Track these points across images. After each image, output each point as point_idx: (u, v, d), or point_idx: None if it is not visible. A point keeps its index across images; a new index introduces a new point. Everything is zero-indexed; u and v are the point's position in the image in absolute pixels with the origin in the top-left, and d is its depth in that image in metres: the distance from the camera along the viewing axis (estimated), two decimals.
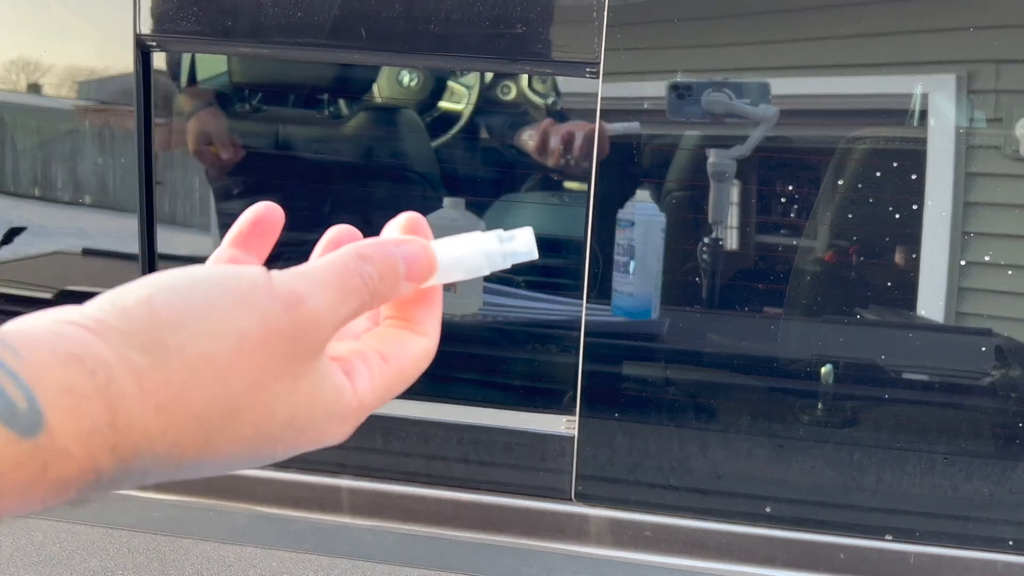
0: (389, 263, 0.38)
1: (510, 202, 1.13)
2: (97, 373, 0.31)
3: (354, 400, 0.39)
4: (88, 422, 0.30)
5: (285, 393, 0.35)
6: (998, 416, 0.91)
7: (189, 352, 0.32)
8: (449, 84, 1.18)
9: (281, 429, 0.36)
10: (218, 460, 0.34)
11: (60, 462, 0.30)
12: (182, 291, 0.33)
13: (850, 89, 0.92)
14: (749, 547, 0.98)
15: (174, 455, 0.33)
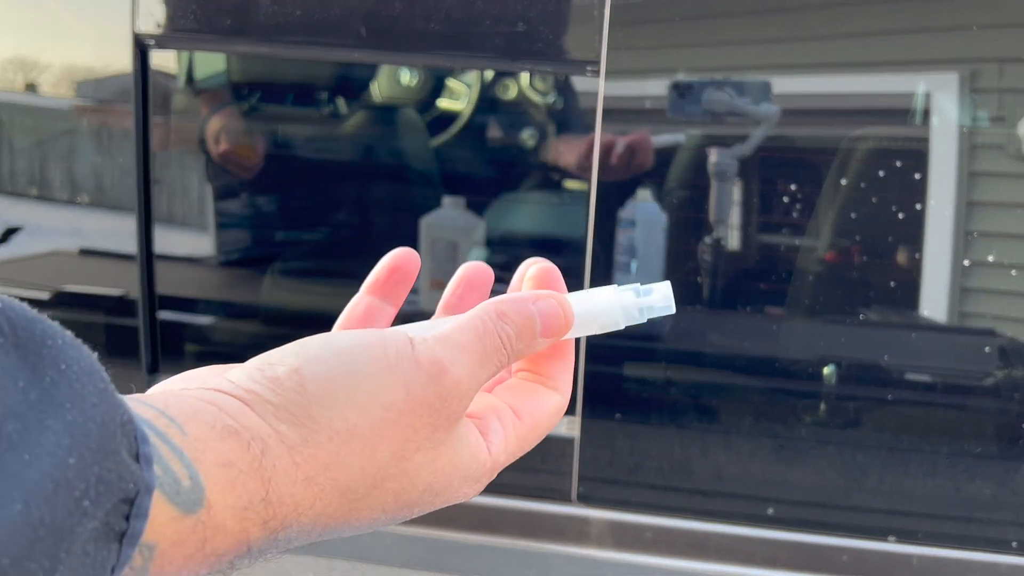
0: (527, 322, 0.38)
1: (510, 201, 1.13)
2: (252, 447, 0.31)
3: (488, 461, 0.40)
4: (245, 496, 0.30)
5: (427, 461, 0.36)
6: (1002, 417, 0.91)
7: (337, 426, 0.33)
8: (448, 83, 1.17)
9: (420, 495, 0.36)
10: (358, 525, 0.35)
11: (217, 537, 0.30)
12: (331, 363, 0.34)
13: (852, 88, 0.91)
14: (751, 549, 0.97)
15: (319, 524, 0.33)
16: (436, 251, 1.09)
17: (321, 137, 1.07)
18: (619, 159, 0.92)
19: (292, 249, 1.09)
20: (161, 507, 0.28)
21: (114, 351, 1.06)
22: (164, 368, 1.11)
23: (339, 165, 1.06)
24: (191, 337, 1.15)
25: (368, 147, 1.08)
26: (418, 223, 1.10)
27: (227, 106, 1.05)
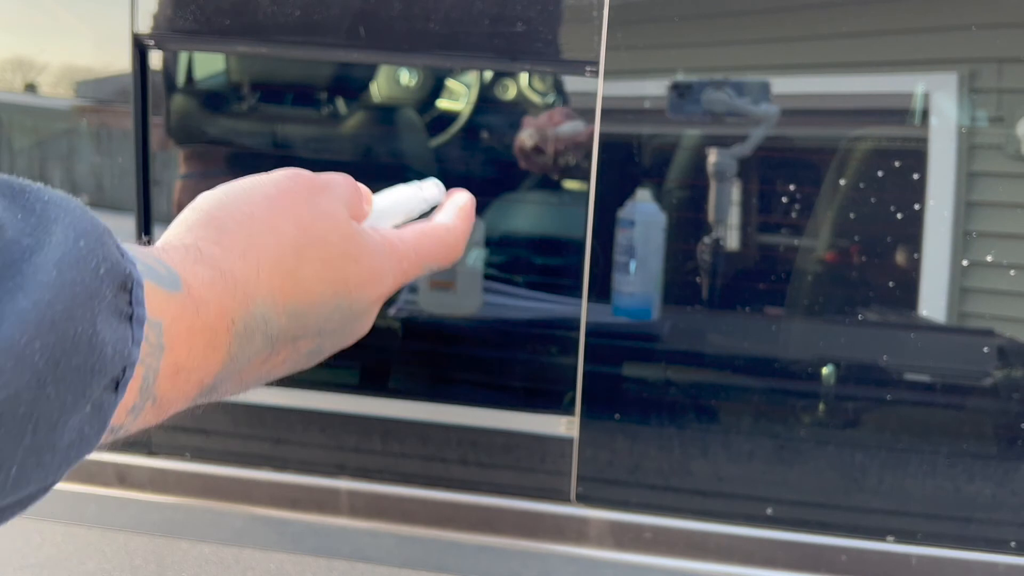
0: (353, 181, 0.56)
1: (509, 202, 1.13)
2: (189, 250, 0.41)
3: (383, 240, 0.49)
4: (206, 275, 0.40)
5: (330, 227, 0.45)
6: (1001, 417, 0.91)
7: (238, 216, 0.43)
8: (448, 83, 1.17)
9: (343, 260, 0.45)
10: (311, 303, 0.44)
11: (203, 308, 0.39)
12: (223, 189, 0.46)
13: (851, 88, 0.91)
14: (750, 549, 0.97)
15: (276, 301, 0.43)
16: None
17: (320, 137, 1.07)
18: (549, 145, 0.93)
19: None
20: (152, 291, 0.37)
21: None
22: None
23: (339, 166, 1.06)
24: None
25: (367, 148, 1.08)
26: None
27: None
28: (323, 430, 1.05)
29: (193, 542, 1.00)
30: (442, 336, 1.15)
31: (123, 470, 1.10)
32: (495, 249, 1.16)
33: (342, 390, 1.09)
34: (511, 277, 1.16)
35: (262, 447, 1.07)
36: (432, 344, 1.16)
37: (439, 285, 1.10)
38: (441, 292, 1.10)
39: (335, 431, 1.05)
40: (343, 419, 1.05)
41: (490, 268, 1.15)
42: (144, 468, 1.09)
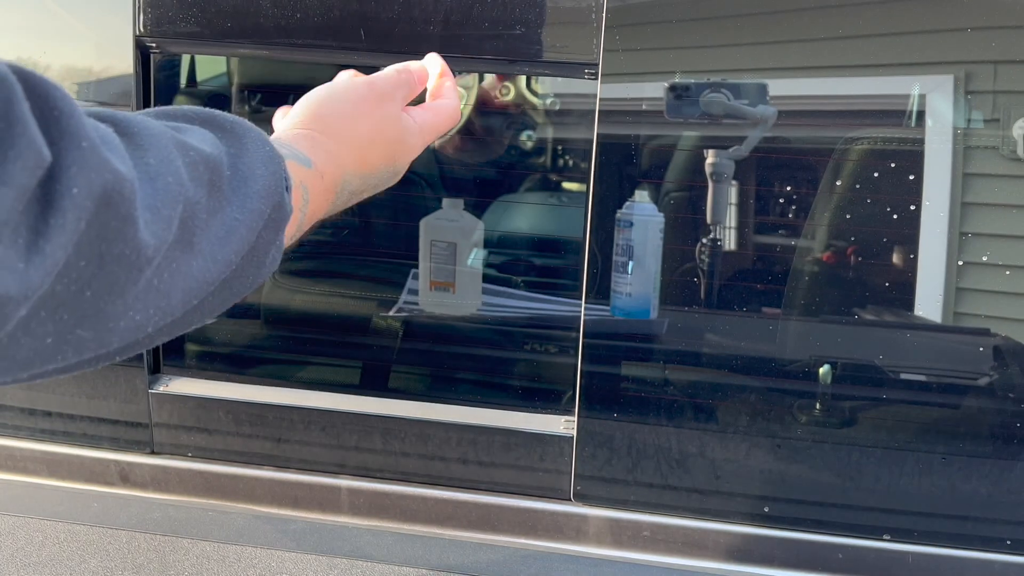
0: (408, 75, 0.76)
1: (509, 203, 1.13)
2: (311, 137, 0.64)
3: (414, 124, 0.72)
4: (322, 154, 0.62)
5: (389, 126, 0.70)
6: (996, 416, 0.92)
7: (335, 116, 0.67)
8: None
9: (394, 146, 0.70)
10: (373, 172, 0.69)
11: (323, 179, 0.62)
12: (321, 94, 0.69)
13: (848, 90, 0.92)
14: (747, 547, 0.98)
15: (355, 171, 0.66)
16: (435, 252, 1.10)
17: None
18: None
19: (292, 250, 1.10)
20: (295, 168, 0.58)
21: None
22: (165, 369, 1.12)
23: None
24: (192, 338, 1.16)
25: None
26: (418, 224, 1.11)
27: None
28: (324, 429, 1.06)
29: (195, 540, 1.00)
30: (440, 336, 1.16)
31: (125, 469, 1.11)
32: (494, 250, 1.17)
33: (342, 390, 1.09)
34: (510, 278, 1.16)
35: (263, 446, 1.07)
36: (431, 344, 1.17)
37: (439, 286, 1.11)
38: (440, 292, 1.11)
39: (336, 430, 1.06)
40: (343, 418, 1.05)
41: (489, 269, 1.15)
42: (146, 467, 1.10)
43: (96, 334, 0.42)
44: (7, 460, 1.13)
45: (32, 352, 0.39)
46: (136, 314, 0.43)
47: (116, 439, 1.10)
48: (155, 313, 0.44)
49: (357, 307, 1.19)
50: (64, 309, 0.39)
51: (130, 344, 0.47)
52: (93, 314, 0.41)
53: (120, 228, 0.39)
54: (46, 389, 1.10)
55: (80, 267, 0.38)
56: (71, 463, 1.12)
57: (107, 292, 0.40)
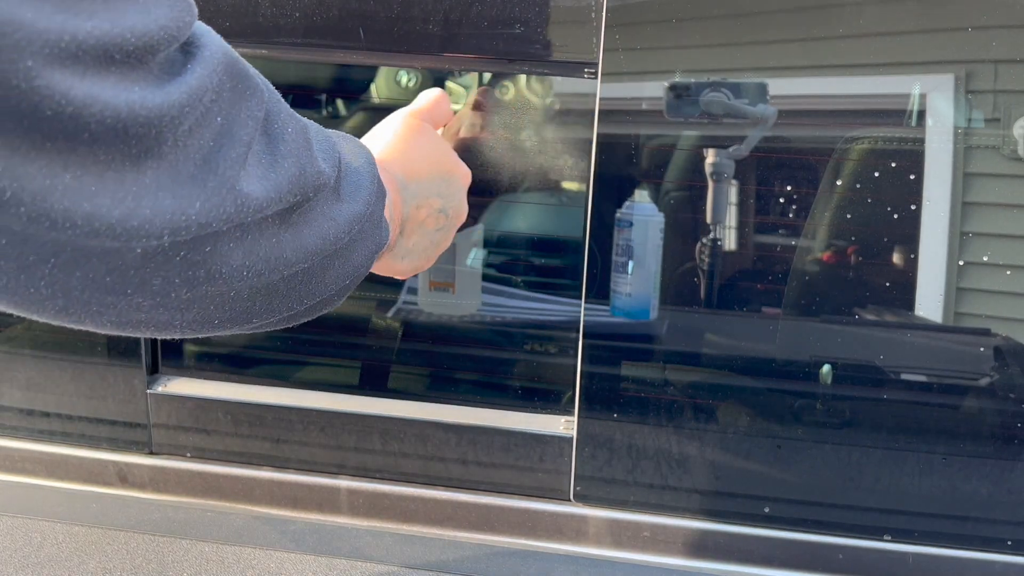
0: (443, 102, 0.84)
1: (508, 203, 1.13)
2: (382, 167, 0.71)
3: (447, 141, 0.86)
4: (391, 178, 0.71)
5: (431, 148, 0.78)
6: (997, 416, 0.92)
7: (391, 149, 0.76)
8: (447, 84, 1.18)
9: (436, 161, 0.77)
10: (425, 178, 0.76)
11: (397, 206, 0.72)
12: (379, 134, 0.78)
13: (848, 89, 0.92)
14: (748, 547, 0.98)
15: (410, 180, 0.75)
16: None
17: None
18: None
19: None
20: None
21: (115, 351, 1.07)
22: (163, 369, 1.12)
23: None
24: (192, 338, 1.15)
25: None
26: None
27: None
28: (323, 429, 1.06)
29: (194, 541, 1.00)
30: (440, 336, 1.16)
31: (124, 469, 1.11)
32: (494, 250, 1.17)
33: (341, 390, 1.09)
34: (509, 278, 1.16)
35: (262, 446, 1.07)
36: (431, 344, 1.17)
37: (438, 286, 1.11)
38: (440, 292, 1.11)
39: (335, 430, 1.06)
40: (342, 418, 1.05)
41: (489, 269, 1.15)
42: (145, 467, 1.10)
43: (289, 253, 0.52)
44: (5, 461, 1.13)
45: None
46: (310, 241, 0.53)
47: (115, 439, 1.10)
48: (322, 245, 0.54)
49: (356, 307, 1.19)
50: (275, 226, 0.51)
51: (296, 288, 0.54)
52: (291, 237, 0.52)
53: (312, 165, 0.53)
54: (44, 389, 1.09)
55: (297, 183, 0.51)
56: (69, 464, 1.12)
57: (303, 217, 0.53)
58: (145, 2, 0.42)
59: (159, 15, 0.42)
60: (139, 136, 0.40)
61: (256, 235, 0.48)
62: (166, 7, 0.43)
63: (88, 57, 0.38)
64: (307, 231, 0.52)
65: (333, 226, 0.54)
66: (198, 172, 0.44)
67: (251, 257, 0.48)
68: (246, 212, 0.46)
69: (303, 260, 0.52)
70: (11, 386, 1.10)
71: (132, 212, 0.41)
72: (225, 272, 0.47)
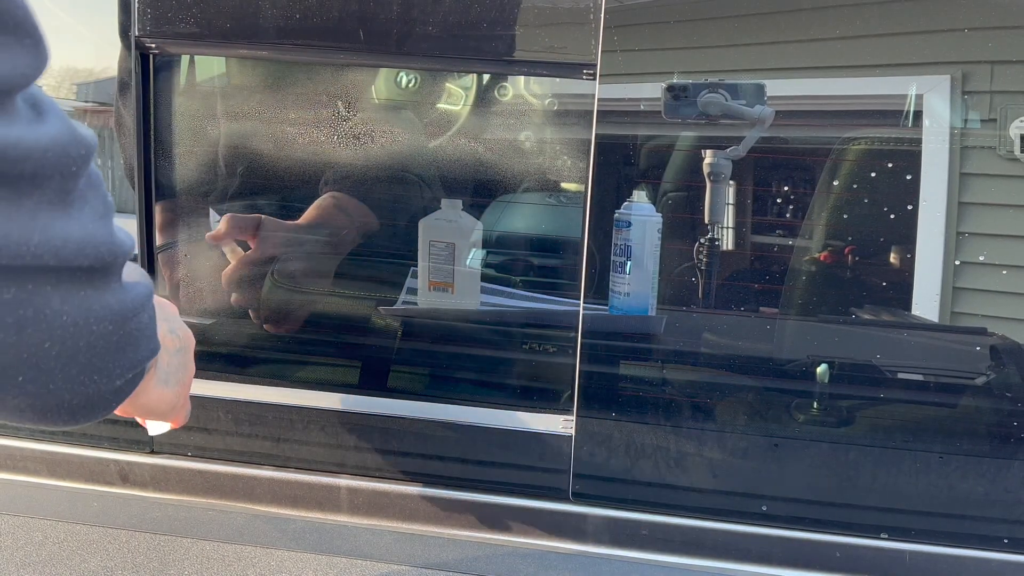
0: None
1: (507, 203, 1.14)
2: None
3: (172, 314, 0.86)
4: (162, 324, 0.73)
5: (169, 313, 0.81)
6: (993, 415, 0.92)
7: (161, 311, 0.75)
8: (447, 85, 1.18)
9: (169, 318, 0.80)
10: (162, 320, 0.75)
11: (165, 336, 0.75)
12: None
13: (845, 90, 0.92)
14: (745, 545, 0.98)
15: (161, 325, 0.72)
16: (434, 253, 1.10)
17: (320, 140, 1.08)
18: None
19: (292, 251, 1.10)
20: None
21: None
22: None
23: (338, 167, 1.07)
24: None
25: (367, 150, 1.09)
26: (416, 225, 1.11)
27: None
28: (323, 428, 1.06)
29: (195, 539, 1.00)
30: (440, 335, 1.16)
31: (125, 468, 1.11)
32: (493, 250, 1.17)
33: (341, 389, 1.09)
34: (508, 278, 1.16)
35: (263, 445, 1.08)
36: (430, 343, 1.17)
37: (438, 286, 1.11)
38: (439, 292, 1.11)
39: (335, 429, 1.06)
40: (342, 417, 1.05)
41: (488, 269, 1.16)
42: (146, 466, 1.10)
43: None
44: (7, 460, 1.14)
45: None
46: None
47: (116, 439, 1.11)
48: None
49: (356, 307, 1.19)
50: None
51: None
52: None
53: (111, 233, 0.56)
54: None
55: None
56: (71, 463, 1.12)
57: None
58: (16, 50, 0.47)
59: (22, 63, 0.47)
60: (6, 172, 0.46)
61: (68, 284, 0.53)
62: (30, 56, 0.48)
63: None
64: (108, 295, 0.57)
65: (128, 298, 0.59)
66: (53, 211, 0.50)
67: (67, 304, 0.53)
68: (68, 252, 0.52)
69: (107, 320, 0.57)
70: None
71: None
72: (48, 315, 0.51)
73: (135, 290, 0.61)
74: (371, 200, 1.08)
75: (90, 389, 0.59)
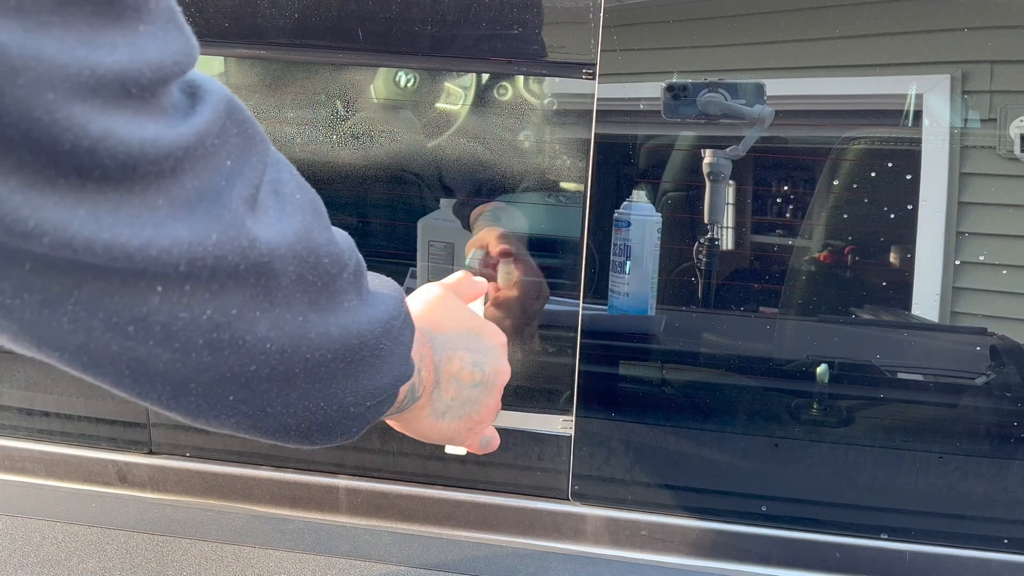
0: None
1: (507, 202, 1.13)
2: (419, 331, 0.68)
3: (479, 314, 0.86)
4: (420, 338, 0.69)
5: (454, 312, 0.78)
6: (993, 415, 0.92)
7: (422, 316, 0.74)
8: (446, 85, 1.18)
9: (459, 320, 0.77)
10: (450, 332, 0.76)
11: (423, 353, 0.71)
12: (417, 301, 0.78)
13: (845, 90, 0.92)
14: (745, 546, 0.98)
15: (437, 335, 0.74)
16: (433, 252, 1.10)
17: (319, 139, 1.08)
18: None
19: None
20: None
21: None
22: None
23: (338, 167, 1.07)
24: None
25: (366, 149, 1.09)
26: (416, 225, 1.11)
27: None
28: None
29: (193, 540, 1.00)
30: None
31: (123, 469, 1.11)
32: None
33: None
34: None
35: (261, 445, 1.08)
36: None
37: None
38: None
39: None
40: None
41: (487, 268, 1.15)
42: (144, 466, 1.10)
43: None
44: (5, 460, 1.13)
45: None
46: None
47: (114, 439, 1.10)
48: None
49: None
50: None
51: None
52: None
53: (322, 232, 0.53)
54: (44, 389, 1.10)
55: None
56: (69, 463, 1.12)
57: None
58: (162, 36, 0.42)
59: (173, 49, 0.43)
60: (147, 173, 0.41)
61: (283, 308, 0.48)
62: (179, 41, 0.44)
63: (107, 91, 0.39)
64: (332, 319, 0.52)
65: (356, 323, 0.54)
66: (212, 207, 0.44)
67: (276, 330, 0.48)
68: (258, 252, 0.46)
69: (326, 348, 0.52)
70: (11, 386, 1.11)
71: (150, 241, 0.41)
72: (249, 340, 0.47)
73: (370, 312, 0.56)
74: (371, 201, 1.08)
75: (318, 416, 0.54)
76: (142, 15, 0.41)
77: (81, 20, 0.38)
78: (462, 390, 0.74)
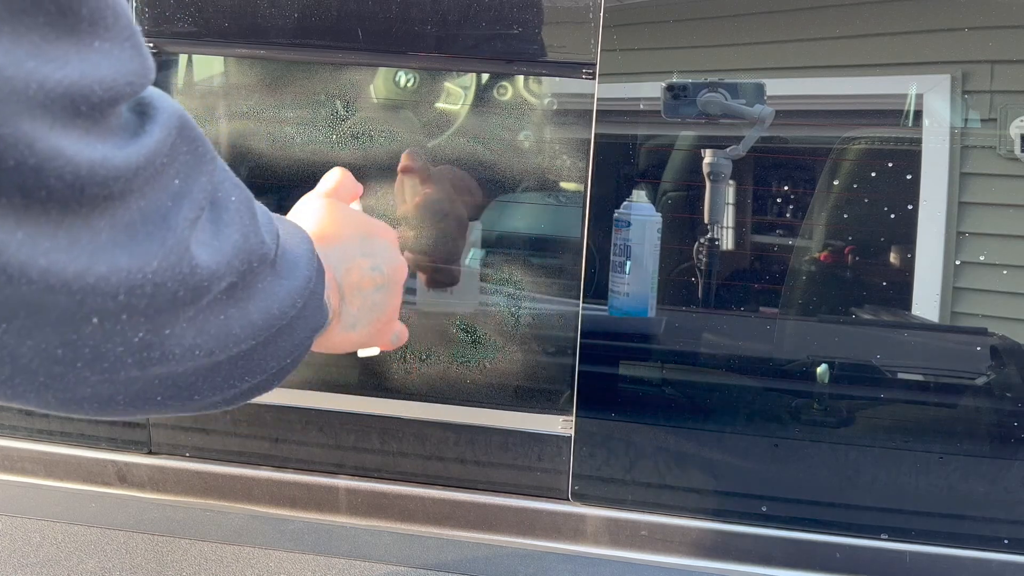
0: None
1: (507, 203, 1.13)
2: (312, 242, 0.65)
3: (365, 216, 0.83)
4: (319, 253, 0.64)
5: (342, 216, 0.77)
6: (993, 415, 0.92)
7: (313, 224, 0.74)
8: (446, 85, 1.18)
9: (352, 224, 0.77)
10: (344, 239, 0.75)
11: (327, 270, 0.67)
12: (303, 209, 0.78)
13: (845, 90, 0.92)
14: (746, 546, 0.98)
15: (331, 248, 0.73)
16: None
17: (319, 139, 1.08)
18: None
19: None
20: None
21: None
22: None
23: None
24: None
25: (366, 149, 1.09)
26: None
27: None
28: (321, 429, 1.06)
29: (192, 540, 1.00)
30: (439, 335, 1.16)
31: (123, 469, 1.11)
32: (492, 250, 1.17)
33: (339, 390, 1.09)
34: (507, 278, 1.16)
35: (261, 446, 1.08)
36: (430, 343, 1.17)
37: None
38: (438, 292, 1.11)
39: (334, 430, 1.06)
40: (341, 418, 1.05)
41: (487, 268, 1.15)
42: (144, 467, 1.10)
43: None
44: (4, 460, 1.13)
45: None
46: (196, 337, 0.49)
47: (114, 439, 1.10)
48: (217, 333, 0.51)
49: None
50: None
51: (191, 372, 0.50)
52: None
53: (256, 235, 0.53)
54: None
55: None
56: (68, 463, 1.12)
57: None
58: (118, 54, 0.41)
59: (128, 68, 0.41)
60: (94, 196, 0.39)
61: (207, 313, 0.48)
62: (135, 61, 0.42)
63: (56, 107, 0.37)
64: (252, 307, 0.51)
65: (276, 301, 0.54)
66: (155, 231, 0.43)
67: (202, 336, 0.47)
68: (198, 278, 0.45)
69: (250, 337, 0.51)
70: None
71: (87, 269, 0.39)
72: (178, 353, 0.46)
73: (287, 285, 0.55)
74: (370, 200, 1.08)
75: (243, 385, 0.54)
76: (98, 30, 0.39)
77: (33, 31, 0.37)
78: (367, 298, 0.74)
